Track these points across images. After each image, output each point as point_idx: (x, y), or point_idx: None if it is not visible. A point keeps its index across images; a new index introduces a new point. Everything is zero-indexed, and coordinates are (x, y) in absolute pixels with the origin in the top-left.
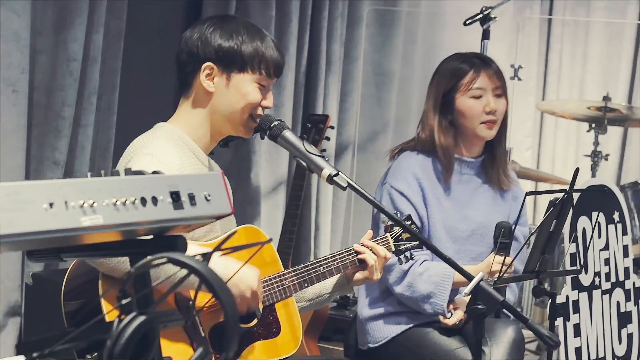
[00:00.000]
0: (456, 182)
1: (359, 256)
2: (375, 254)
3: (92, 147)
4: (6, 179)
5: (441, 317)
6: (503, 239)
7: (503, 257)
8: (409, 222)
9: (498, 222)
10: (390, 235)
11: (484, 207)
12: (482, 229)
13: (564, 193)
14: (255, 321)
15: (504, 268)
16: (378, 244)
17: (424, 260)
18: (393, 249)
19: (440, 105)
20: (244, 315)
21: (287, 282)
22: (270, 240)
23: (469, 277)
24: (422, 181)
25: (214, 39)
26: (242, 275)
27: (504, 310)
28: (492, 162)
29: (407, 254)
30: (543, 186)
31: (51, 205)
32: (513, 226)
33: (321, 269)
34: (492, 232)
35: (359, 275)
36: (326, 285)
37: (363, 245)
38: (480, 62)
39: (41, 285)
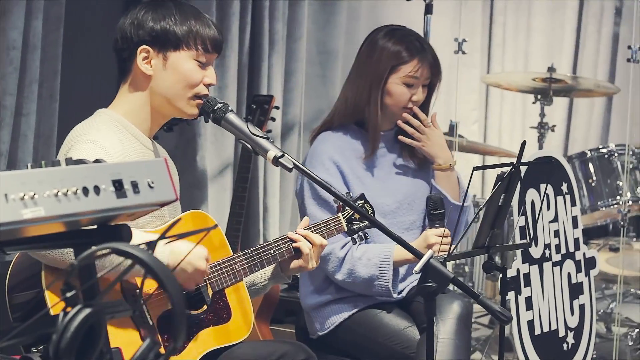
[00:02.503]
0: (374, 157)
1: (294, 244)
2: (310, 242)
3: (35, 135)
4: None
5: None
6: (435, 210)
7: (441, 229)
8: (361, 201)
9: (428, 195)
10: (343, 215)
11: (405, 177)
12: (408, 198)
13: (511, 166)
14: (204, 307)
15: (444, 240)
16: (330, 224)
17: (369, 238)
18: (345, 229)
19: (382, 81)
20: (192, 301)
21: (237, 267)
22: (216, 226)
23: (419, 255)
24: (340, 163)
25: (146, 22)
26: (189, 256)
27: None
28: (405, 136)
29: (361, 233)
30: (491, 159)
31: None
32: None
33: (271, 252)
34: (419, 200)
35: (294, 264)
36: (260, 274)
37: (298, 233)
38: (422, 49)
39: None
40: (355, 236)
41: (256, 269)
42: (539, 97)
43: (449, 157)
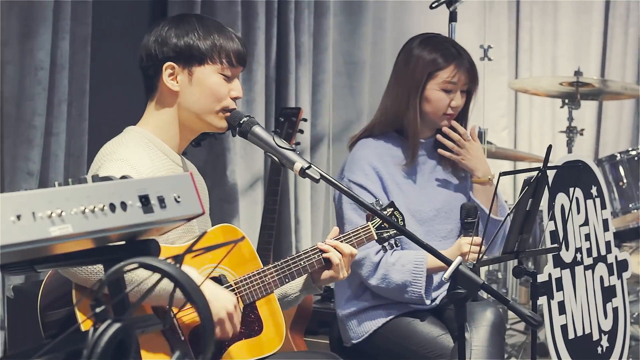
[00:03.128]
0: (413, 165)
1: (323, 255)
2: (339, 252)
3: (66, 155)
4: None
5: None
6: (468, 219)
7: (471, 238)
8: (391, 209)
9: (462, 203)
10: (372, 223)
11: (445, 185)
12: (446, 206)
13: (538, 171)
14: None
15: (475, 248)
16: (359, 233)
17: (400, 246)
18: (375, 237)
19: (420, 87)
20: None
21: (267, 279)
22: (243, 238)
23: (447, 262)
24: (379, 169)
25: (170, 38)
26: (218, 295)
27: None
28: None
29: (392, 241)
30: (521, 165)
31: (18, 217)
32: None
33: (302, 263)
34: (457, 209)
35: (325, 274)
36: (292, 285)
37: (327, 243)
38: (457, 55)
39: (23, 298)
40: (386, 244)
41: (287, 280)
42: (566, 101)
43: (488, 170)
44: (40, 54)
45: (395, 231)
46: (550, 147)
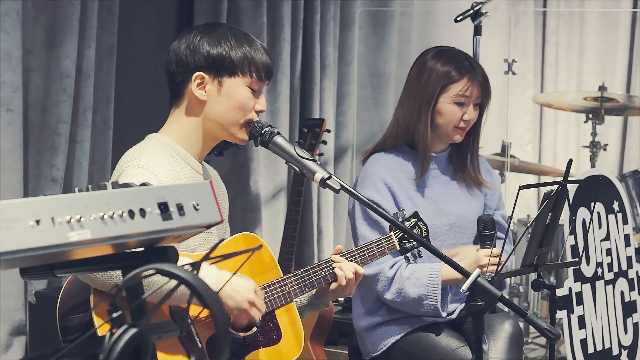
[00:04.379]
0: (426, 178)
1: (334, 266)
2: (343, 271)
3: (90, 162)
4: (5, 198)
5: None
6: (486, 231)
7: (490, 250)
8: (415, 220)
9: (479, 215)
10: (395, 234)
11: (459, 199)
12: (460, 220)
13: (558, 185)
14: (254, 329)
15: (495, 260)
16: (382, 243)
17: (422, 256)
18: (398, 247)
19: (433, 101)
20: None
21: (287, 288)
22: (260, 246)
23: (466, 274)
24: (391, 184)
25: (202, 46)
26: (236, 286)
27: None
28: (458, 157)
29: (415, 251)
30: (545, 180)
31: (38, 222)
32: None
33: (322, 272)
34: (471, 224)
35: (332, 286)
36: (296, 301)
37: (334, 260)
38: (471, 68)
39: (44, 303)
40: (409, 254)
41: (307, 290)
42: (590, 116)
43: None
44: (66, 62)
45: None
46: (570, 161)
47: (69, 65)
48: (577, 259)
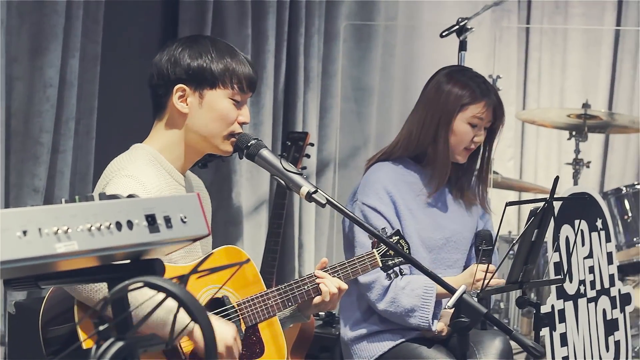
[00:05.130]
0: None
1: (317, 281)
2: (327, 287)
3: (72, 172)
4: None
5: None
6: (485, 246)
7: (487, 265)
8: (397, 237)
9: (477, 230)
10: (377, 251)
11: (456, 215)
12: (456, 236)
13: (544, 202)
14: None
15: (489, 275)
16: (364, 259)
17: (405, 274)
18: (380, 264)
19: (449, 121)
20: None
21: (270, 302)
22: (248, 260)
23: (452, 290)
24: (393, 194)
25: (183, 59)
26: (215, 329)
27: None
28: (457, 175)
29: (396, 269)
30: (526, 196)
31: (25, 232)
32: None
33: (305, 287)
34: (465, 240)
35: (315, 300)
36: (279, 313)
37: (317, 275)
38: (487, 91)
39: (24, 314)
40: (391, 272)
41: (289, 304)
42: (573, 133)
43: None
44: (50, 71)
45: (400, 259)
46: (557, 179)
47: (53, 75)
48: (561, 277)
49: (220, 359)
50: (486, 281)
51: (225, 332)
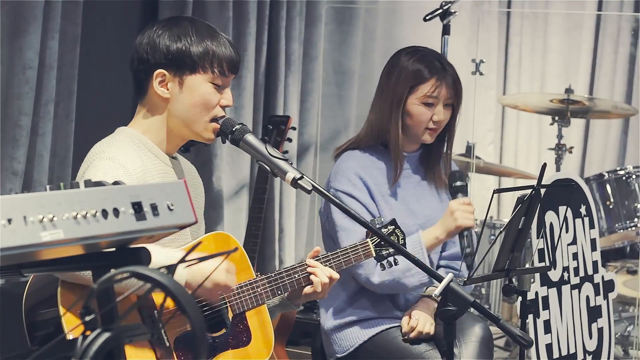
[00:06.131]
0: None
1: (309, 270)
2: (318, 277)
3: (51, 155)
4: None
5: (404, 323)
6: (457, 183)
7: (463, 198)
8: (392, 227)
9: (451, 171)
10: (371, 240)
11: (428, 200)
12: (429, 222)
13: (531, 189)
14: (223, 330)
15: (466, 207)
16: (358, 249)
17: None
18: (374, 254)
19: (402, 102)
20: (211, 324)
21: (259, 290)
22: (237, 249)
23: (439, 278)
24: (366, 179)
25: (162, 42)
26: (206, 270)
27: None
28: (429, 158)
29: (391, 259)
30: (506, 180)
31: (9, 221)
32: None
33: (296, 276)
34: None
35: (305, 290)
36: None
37: (309, 264)
38: (441, 69)
39: (5, 298)
40: (385, 262)
41: (279, 292)
42: (556, 118)
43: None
44: (29, 53)
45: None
46: (544, 166)
47: (32, 57)
48: (548, 265)
49: (214, 294)
50: (472, 214)
51: (211, 270)
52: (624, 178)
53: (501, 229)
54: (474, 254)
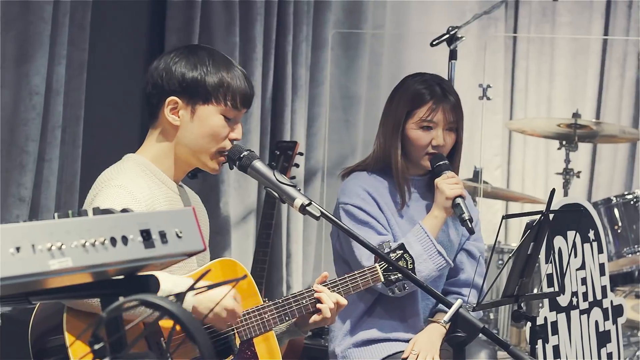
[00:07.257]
0: (406, 201)
1: (316, 296)
2: (325, 303)
3: (58, 181)
4: None
5: (405, 354)
6: (439, 163)
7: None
8: (400, 252)
9: (433, 155)
10: (380, 265)
11: None
12: (439, 244)
13: (540, 215)
14: (231, 357)
15: (451, 180)
16: (365, 274)
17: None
18: (382, 279)
19: (400, 126)
20: (219, 350)
21: (266, 316)
22: (245, 276)
23: (448, 304)
24: (375, 196)
25: (178, 69)
26: (213, 296)
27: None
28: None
29: (399, 284)
30: (513, 205)
31: (18, 249)
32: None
33: (303, 302)
34: (448, 249)
35: (312, 319)
36: (275, 328)
37: (316, 290)
38: (440, 93)
39: (11, 325)
40: (394, 287)
41: (287, 319)
42: (564, 142)
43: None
44: (35, 78)
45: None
46: (553, 191)
47: (39, 82)
48: (557, 290)
49: (226, 320)
50: (458, 185)
51: (220, 296)
52: (631, 202)
53: (510, 254)
54: (471, 219)
